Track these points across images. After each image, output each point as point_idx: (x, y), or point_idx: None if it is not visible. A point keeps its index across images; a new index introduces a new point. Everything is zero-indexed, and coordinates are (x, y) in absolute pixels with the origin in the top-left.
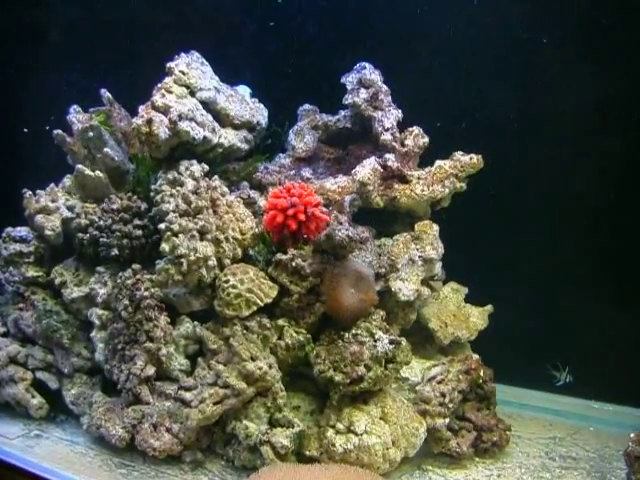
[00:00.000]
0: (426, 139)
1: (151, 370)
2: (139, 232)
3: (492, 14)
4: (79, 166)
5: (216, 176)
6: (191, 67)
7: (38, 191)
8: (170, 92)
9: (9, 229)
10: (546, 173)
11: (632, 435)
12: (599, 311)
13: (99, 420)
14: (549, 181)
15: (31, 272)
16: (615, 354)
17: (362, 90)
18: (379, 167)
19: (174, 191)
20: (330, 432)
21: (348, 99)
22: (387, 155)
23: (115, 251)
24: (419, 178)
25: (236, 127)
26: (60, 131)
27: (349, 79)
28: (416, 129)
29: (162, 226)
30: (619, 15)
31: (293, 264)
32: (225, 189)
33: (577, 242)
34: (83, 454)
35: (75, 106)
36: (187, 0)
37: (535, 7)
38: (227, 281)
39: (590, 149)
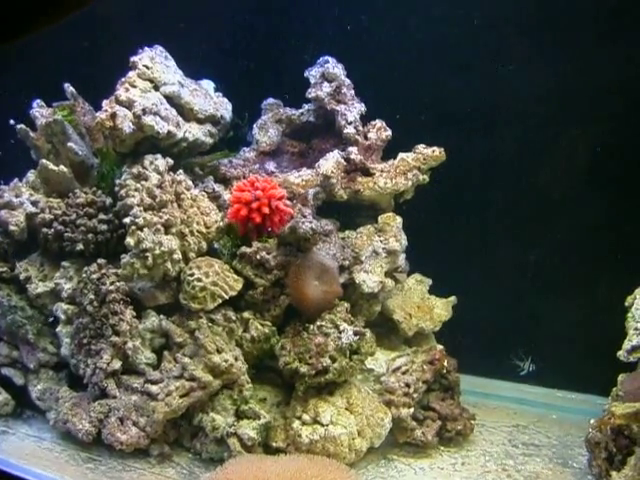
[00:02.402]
0: (389, 132)
1: (117, 364)
2: (104, 227)
3: (453, 4)
4: (43, 161)
5: (180, 170)
6: (155, 61)
7: (1, 186)
8: (134, 86)
9: None
10: (511, 164)
11: (592, 421)
12: (562, 300)
13: (65, 415)
14: (513, 172)
15: None
16: (578, 343)
17: (325, 84)
18: (342, 160)
19: (139, 185)
20: (296, 423)
21: (311, 93)
22: (350, 148)
23: (80, 246)
24: (382, 171)
25: (200, 121)
26: (23, 125)
27: (312, 73)
28: (379, 122)
29: (127, 220)
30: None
31: (258, 257)
32: (190, 183)
33: (541, 233)
34: (50, 449)
35: (38, 100)
36: None
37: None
38: (192, 274)
39: (556, 140)
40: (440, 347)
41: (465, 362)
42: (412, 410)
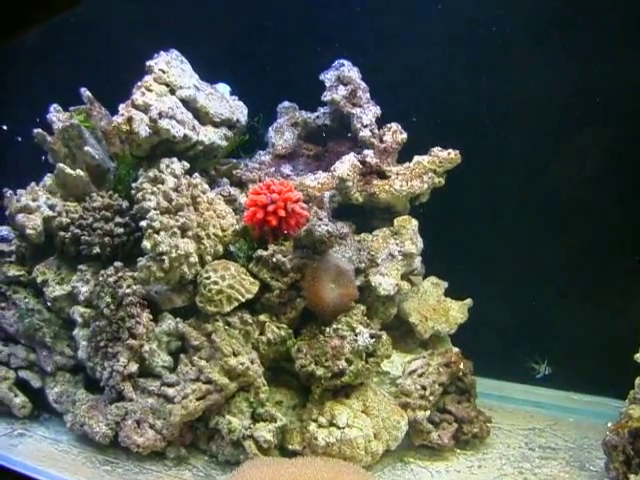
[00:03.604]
0: (404, 135)
1: (134, 367)
2: (120, 230)
3: (469, 8)
4: (60, 165)
5: (196, 173)
6: (171, 65)
7: (19, 190)
8: (150, 90)
9: None
10: (526, 166)
11: (610, 425)
12: (578, 304)
13: (82, 418)
14: (527, 176)
15: (13, 271)
16: (594, 346)
17: (341, 87)
18: (358, 163)
19: (155, 189)
20: (312, 426)
21: (327, 96)
22: (366, 151)
23: (97, 249)
24: (398, 174)
25: (216, 125)
26: (40, 130)
27: (328, 76)
28: (394, 125)
29: (143, 223)
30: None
31: (274, 260)
32: (206, 186)
33: (556, 236)
34: (67, 452)
35: (55, 105)
36: None
37: (513, 2)
38: (208, 277)
39: (569, 144)
40: (456, 350)
41: (481, 365)
42: (428, 413)
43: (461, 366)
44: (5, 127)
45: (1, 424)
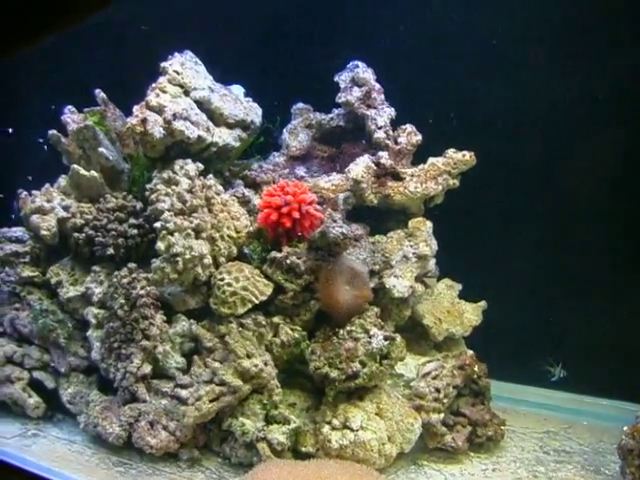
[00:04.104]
0: (419, 137)
1: (147, 368)
2: (134, 231)
3: (484, 10)
4: (74, 166)
5: (211, 175)
6: (185, 67)
7: (33, 191)
8: (164, 92)
9: (4, 229)
10: (541, 169)
11: (625, 428)
12: (593, 307)
13: (96, 419)
14: (544, 177)
15: (27, 272)
16: (609, 349)
17: (355, 88)
18: (372, 165)
19: (169, 190)
20: (326, 428)
21: (341, 98)
22: (380, 153)
23: (111, 250)
24: (412, 175)
25: (230, 126)
26: (55, 131)
27: (342, 77)
28: (409, 127)
29: (157, 225)
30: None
31: (288, 262)
32: (220, 188)
33: (572, 238)
34: (80, 453)
35: (70, 106)
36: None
37: (529, 4)
38: (222, 279)
39: (584, 146)
40: (470, 352)
41: (495, 367)
42: (442, 415)
43: (475, 369)
44: (11, 130)
45: (15, 424)
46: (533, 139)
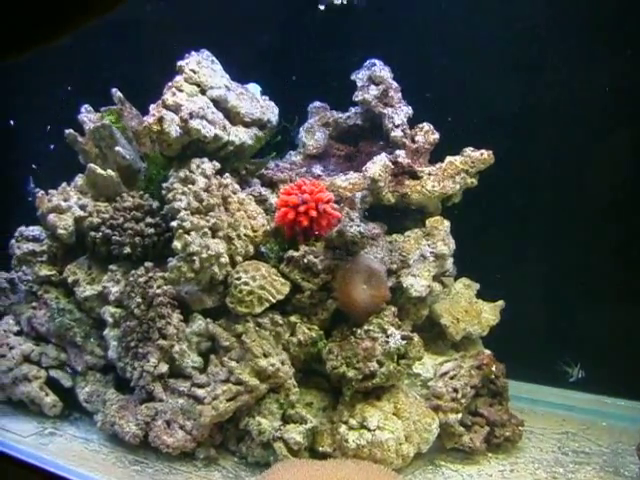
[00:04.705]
0: (436, 135)
1: (164, 367)
2: (151, 230)
3: (502, 8)
4: (91, 165)
5: (227, 174)
6: (202, 65)
7: (50, 190)
8: (181, 90)
9: (22, 228)
10: (560, 167)
11: None
12: (612, 307)
13: (113, 417)
14: (562, 176)
15: (44, 271)
16: (628, 349)
17: (372, 87)
18: (390, 163)
19: (186, 189)
20: (343, 428)
21: (358, 96)
22: (398, 151)
23: (127, 249)
24: (430, 174)
25: (247, 125)
26: (72, 131)
27: (359, 76)
28: (426, 125)
29: (174, 224)
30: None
31: (305, 261)
32: (236, 186)
33: (591, 238)
34: (97, 451)
35: (86, 105)
36: None
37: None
38: (239, 278)
39: (602, 145)
40: (488, 352)
41: (513, 367)
42: (460, 415)
43: (493, 369)
44: (12, 122)
45: (32, 423)
46: (552, 137)
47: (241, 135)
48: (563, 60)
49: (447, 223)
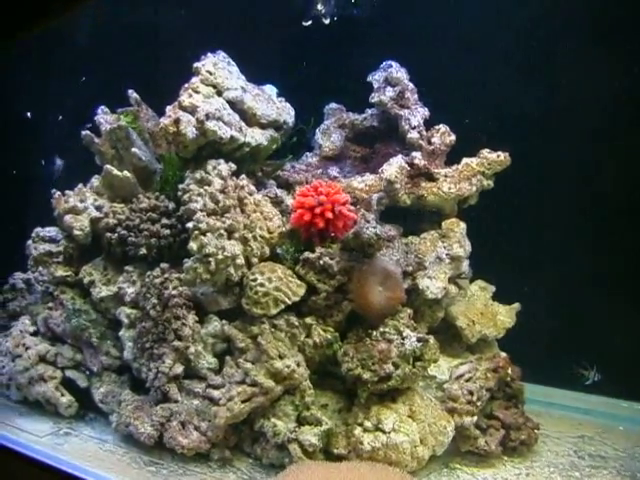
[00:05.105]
0: (453, 137)
1: (179, 368)
2: (167, 231)
3: (521, 11)
4: (107, 166)
5: (243, 175)
6: (218, 67)
7: (67, 191)
8: (197, 92)
9: (38, 229)
10: (576, 170)
11: None
12: (628, 309)
13: (128, 418)
14: (578, 179)
15: (60, 272)
16: None
17: (388, 88)
18: (406, 165)
19: (202, 190)
20: (358, 430)
21: (374, 97)
22: (414, 153)
23: (143, 250)
24: (446, 176)
25: (263, 126)
26: (88, 132)
27: (375, 77)
28: (443, 127)
29: (190, 225)
30: None
31: (321, 262)
32: (252, 188)
33: (606, 240)
34: (112, 452)
35: (103, 107)
36: (214, 0)
37: (565, 5)
38: (255, 279)
39: (618, 147)
40: (504, 354)
41: (528, 370)
42: (475, 418)
43: (509, 371)
44: (29, 114)
45: (47, 423)
46: (568, 139)
47: (257, 136)
48: (581, 61)
49: (463, 225)
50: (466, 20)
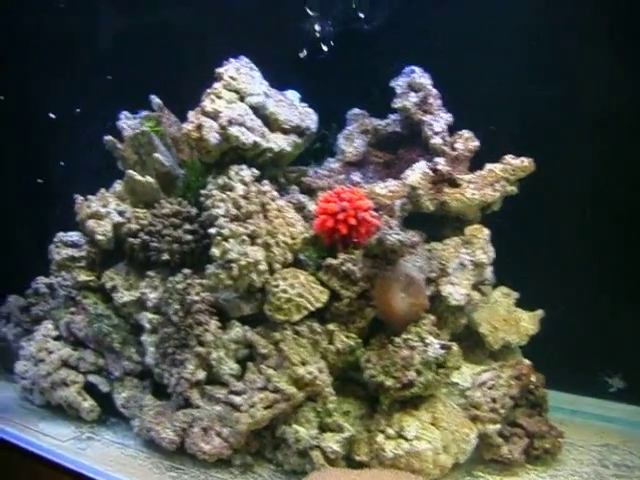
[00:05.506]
0: (477, 142)
1: (201, 374)
2: (189, 237)
3: (543, 16)
4: (129, 171)
5: (266, 180)
6: (240, 72)
7: (89, 196)
8: (220, 97)
9: (61, 234)
10: (598, 176)
11: None
12: None
13: (149, 423)
14: (602, 184)
15: (83, 276)
16: None
17: (412, 94)
18: (429, 171)
19: (224, 196)
20: (380, 437)
21: (397, 103)
22: (437, 159)
23: (165, 256)
24: (470, 182)
25: (285, 132)
26: (111, 137)
27: (398, 83)
28: (466, 132)
29: (212, 231)
30: None
31: (343, 268)
32: (275, 194)
33: (630, 246)
34: (134, 457)
35: (125, 112)
36: (236, 5)
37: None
38: (277, 285)
39: None
40: (527, 362)
41: (551, 377)
42: (498, 426)
43: (532, 379)
44: (53, 115)
45: (70, 428)
46: (592, 144)
47: (280, 142)
48: (607, 68)
49: (487, 231)
50: (490, 25)
